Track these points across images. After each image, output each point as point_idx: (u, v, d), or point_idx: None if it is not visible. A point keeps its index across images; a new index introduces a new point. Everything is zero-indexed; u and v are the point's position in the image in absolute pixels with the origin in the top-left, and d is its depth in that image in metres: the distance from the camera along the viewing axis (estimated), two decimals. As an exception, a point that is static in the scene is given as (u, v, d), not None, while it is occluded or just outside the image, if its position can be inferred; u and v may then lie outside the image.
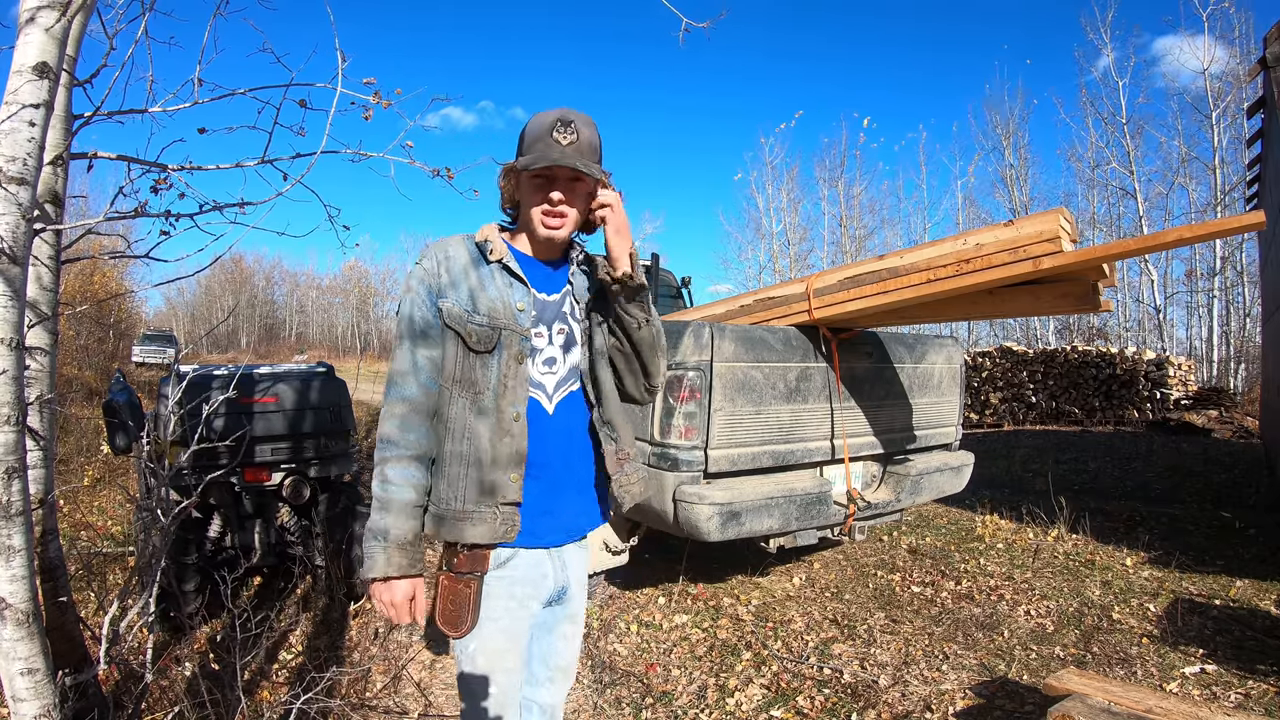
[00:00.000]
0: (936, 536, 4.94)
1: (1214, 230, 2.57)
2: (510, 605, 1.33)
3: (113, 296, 12.99)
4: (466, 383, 1.31)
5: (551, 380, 1.38)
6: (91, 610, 3.08)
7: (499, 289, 1.34)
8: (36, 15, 1.37)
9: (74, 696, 1.80)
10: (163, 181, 2.23)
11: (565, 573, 1.41)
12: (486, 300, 1.32)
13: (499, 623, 1.32)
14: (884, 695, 2.65)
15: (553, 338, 1.39)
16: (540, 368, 1.36)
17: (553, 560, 1.39)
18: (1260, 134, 7.23)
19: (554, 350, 1.38)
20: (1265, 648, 3.03)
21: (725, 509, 2.92)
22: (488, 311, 1.32)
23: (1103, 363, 11.64)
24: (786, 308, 3.38)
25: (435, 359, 1.33)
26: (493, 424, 1.30)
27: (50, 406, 1.92)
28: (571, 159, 1.27)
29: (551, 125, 1.30)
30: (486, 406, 1.30)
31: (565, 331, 1.40)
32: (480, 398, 1.31)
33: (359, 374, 16.33)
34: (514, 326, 1.33)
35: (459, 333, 1.31)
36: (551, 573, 1.38)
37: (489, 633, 1.31)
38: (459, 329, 1.31)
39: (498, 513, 1.29)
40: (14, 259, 1.31)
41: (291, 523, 3.56)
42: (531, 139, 1.32)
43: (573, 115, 1.32)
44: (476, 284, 1.33)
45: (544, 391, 1.36)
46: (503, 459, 1.29)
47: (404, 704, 2.62)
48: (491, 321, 1.31)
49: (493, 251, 1.35)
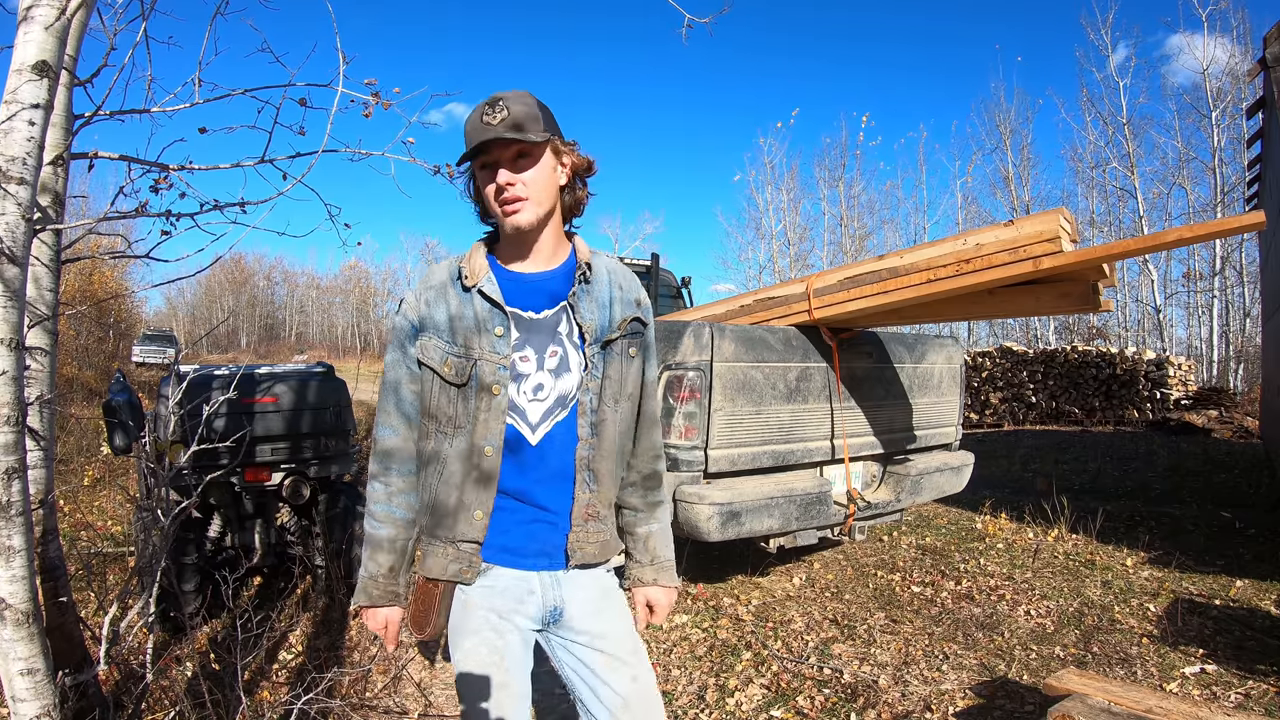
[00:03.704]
0: (936, 536, 4.93)
1: (1214, 230, 2.57)
2: (490, 617, 1.26)
3: (113, 296, 12.99)
4: (444, 417, 1.27)
5: (537, 408, 1.27)
6: (91, 610, 3.08)
7: (476, 315, 1.26)
8: (33, 11, 1.36)
9: (74, 696, 1.80)
10: (163, 181, 2.23)
11: (558, 592, 1.30)
12: (463, 329, 1.26)
13: (479, 634, 1.26)
14: (884, 695, 2.65)
15: (543, 361, 1.28)
16: (527, 393, 1.27)
17: (541, 579, 1.29)
18: (1260, 134, 7.24)
19: (542, 375, 1.28)
20: (1265, 648, 3.03)
21: (725, 509, 2.91)
22: (464, 341, 1.25)
23: (1103, 363, 11.65)
24: (786, 308, 3.38)
25: (418, 393, 1.29)
26: (465, 457, 1.25)
27: (50, 406, 1.92)
28: (498, 131, 1.18)
29: (480, 111, 1.22)
30: (461, 439, 1.25)
31: (558, 355, 1.28)
32: (458, 431, 1.26)
33: (359, 374, 16.30)
34: (489, 356, 1.25)
35: (433, 369, 1.26)
36: (539, 590, 1.29)
37: (470, 645, 1.27)
38: (434, 365, 1.26)
39: (454, 550, 1.26)
40: (14, 259, 1.31)
41: (291, 523, 3.56)
42: (468, 133, 1.24)
43: (501, 94, 1.23)
44: (456, 311, 1.27)
45: (524, 419, 1.26)
46: (469, 496, 1.25)
47: (404, 704, 2.61)
48: (467, 351, 1.25)
49: (468, 277, 1.27)
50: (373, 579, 1.31)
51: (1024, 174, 22.54)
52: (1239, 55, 16.86)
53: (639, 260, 6.10)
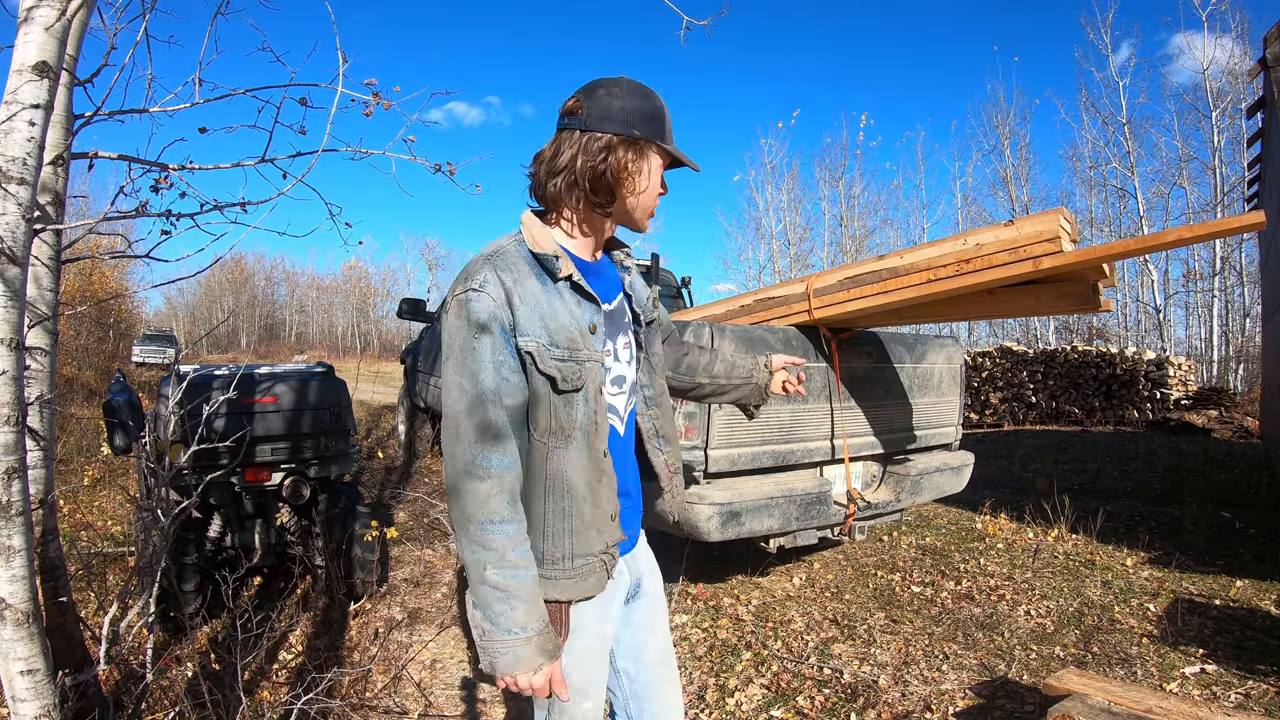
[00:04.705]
0: (936, 536, 4.93)
1: (1214, 230, 2.57)
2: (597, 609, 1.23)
3: (113, 296, 12.98)
4: (557, 429, 1.13)
5: (622, 400, 1.26)
6: (91, 610, 3.08)
7: (570, 311, 1.14)
8: (33, 13, 1.36)
9: (74, 696, 1.80)
10: (163, 181, 2.23)
11: (636, 565, 1.35)
12: (560, 328, 1.12)
13: (588, 632, 1.21)
14: (884, 695, 2.65)
15: (618, 353, 1.25)
16: (610, 389, 1.23)
17: (626, 560, 1.33)
18: (1260, 134, 7.24)
19: (622, 367, 1.26)
20: (1265, 648, 3.03)
21: (725, 509, 2.91)
22: (567, 343, 1.12)
23: (1103, 363, 11.64)
24: (786, 308, 3.38)
25: (522, 409, 1.12)
26: (586, 467, 1.15)
27: (50, 406, 1.92)
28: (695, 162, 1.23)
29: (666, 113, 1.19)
30: (576, 449, 1.14)
31: (630, 345, 1.29)
32: (570, 441, 1.14)
33: (359, 374, 16.31)
34: (595, 356, 1.16)
35: (549, 376, 1.10)
36: (626, 570, 1.32)
37: (580, 645, 1.20)
38: (549, 372, 1.10)
39: (606, 560, 1.20)
40: (14, 259, 1.31)
41: (291, 523, 3.56)
42: (668, 124, 1.18)
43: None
44: (546, 309, 1.12)
45: (616, 414, 1.25)
46: (604, 503, 1.18)
47: (404, 704, 2.62)
48: (573, 354, 1.12)
49: (561, 269, 1.14)
50: (541, 634, 1.09)
51: (1023, 174, 22.58)
52: (1239, 55, 16.88)
53: (639, 260, 6.10)
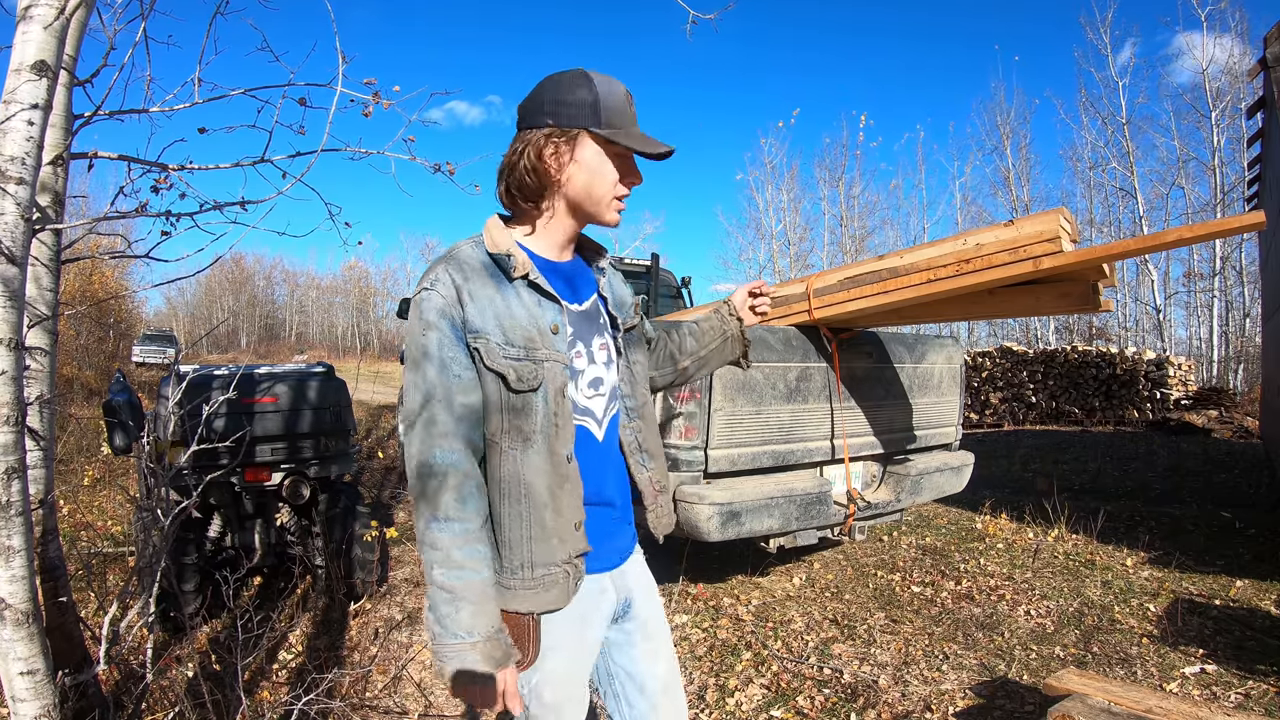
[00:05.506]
0: (936, 536, 4.93)
1: (1214, 230, 2.57)
2: (573, 627, 1.18)
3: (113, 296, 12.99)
4: (513, 430, 1.11)
5: (600, 404, 1.22)
6: (91, 610, 3.08)
7: (529, 311, 1.13)
8: (31, 11, 1.36)
9: (74, 696, 1.80)
10: (163, 181, 2.23)
11: (624, 582, 1.28)
12: (517, 327, 1.11)
13: (563, 650, 1.17)
14: (884, 695, 2.65)
15: (594, 355, 1.22)
16: (586, 391, 1.20)
17: (611, 577, 1.26)
18: (1260, 134, 7.23)
19: (598, 369, 1.22)
20: (1265, 648, 3.03)
21: (725, 509, 2.91)
22: (523, 342, 1.11)
23: (1103, 363, 11.65)
24: (786, 308, 3.38)
25: (474, 407, 1.10)
26: (547, 471, 1.12)
27: (50, 406, 1.92)
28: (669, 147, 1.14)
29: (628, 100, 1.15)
30: (536, 452, 1.11)
31: (606, 347, 1.25)
32: (529, 443, 1.11)
33: (359, 374, 16.32)
34: (555, 356, 1.13)
35: (500, 374, 1.09)
36: (611, 587, 1.26)
37: (553, 662, 1.16)
38: (499, 369, 1.09)
39: (570, 570, 1.14)
40: (13, 259, 1.30)
41: (291, 523, 3.56)
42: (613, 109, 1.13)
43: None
44: (502, 308, 1.11)
45: (593, 418, 1.21)
46: (566, 510, 1.13)
47: (404, 704, 2.61)
48: (529, 353, 1.11)
49: (516, 268, 1.13)
50: (488, 639, 1.05)
51: (1023, 174, 22.59)
52: (1239, 55, 16.89)
53: (639, 260, 6.10)
